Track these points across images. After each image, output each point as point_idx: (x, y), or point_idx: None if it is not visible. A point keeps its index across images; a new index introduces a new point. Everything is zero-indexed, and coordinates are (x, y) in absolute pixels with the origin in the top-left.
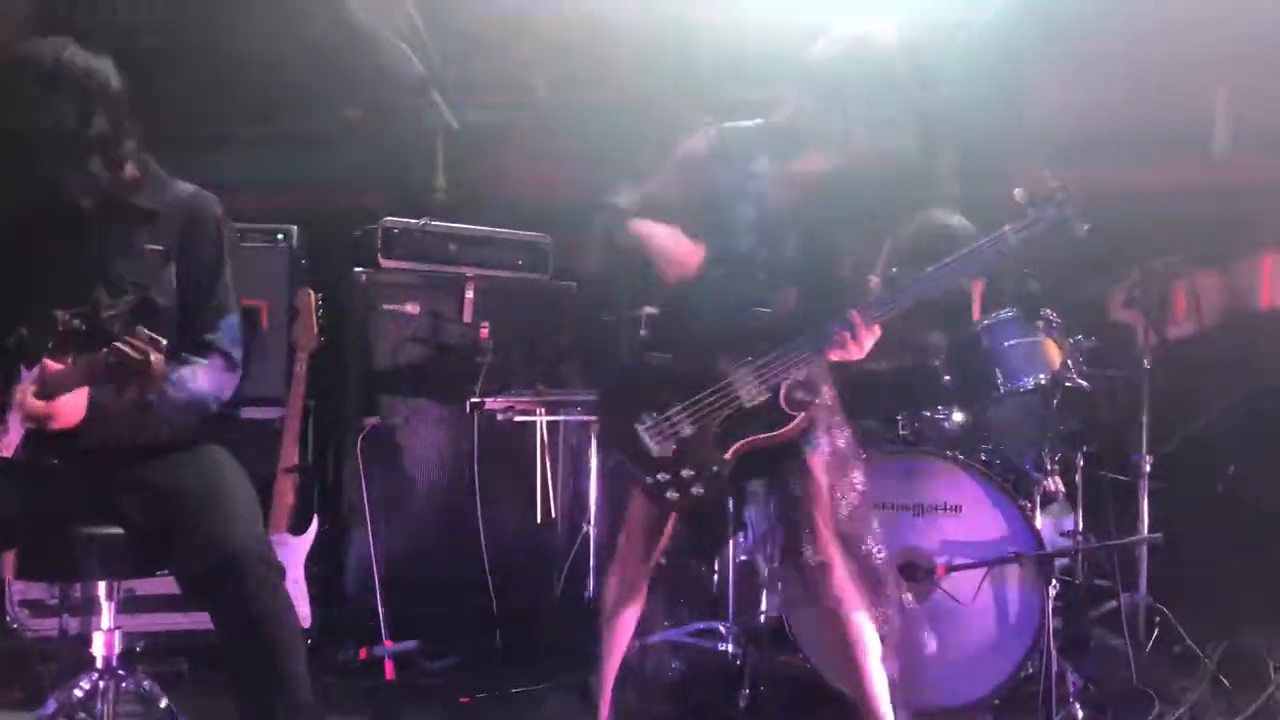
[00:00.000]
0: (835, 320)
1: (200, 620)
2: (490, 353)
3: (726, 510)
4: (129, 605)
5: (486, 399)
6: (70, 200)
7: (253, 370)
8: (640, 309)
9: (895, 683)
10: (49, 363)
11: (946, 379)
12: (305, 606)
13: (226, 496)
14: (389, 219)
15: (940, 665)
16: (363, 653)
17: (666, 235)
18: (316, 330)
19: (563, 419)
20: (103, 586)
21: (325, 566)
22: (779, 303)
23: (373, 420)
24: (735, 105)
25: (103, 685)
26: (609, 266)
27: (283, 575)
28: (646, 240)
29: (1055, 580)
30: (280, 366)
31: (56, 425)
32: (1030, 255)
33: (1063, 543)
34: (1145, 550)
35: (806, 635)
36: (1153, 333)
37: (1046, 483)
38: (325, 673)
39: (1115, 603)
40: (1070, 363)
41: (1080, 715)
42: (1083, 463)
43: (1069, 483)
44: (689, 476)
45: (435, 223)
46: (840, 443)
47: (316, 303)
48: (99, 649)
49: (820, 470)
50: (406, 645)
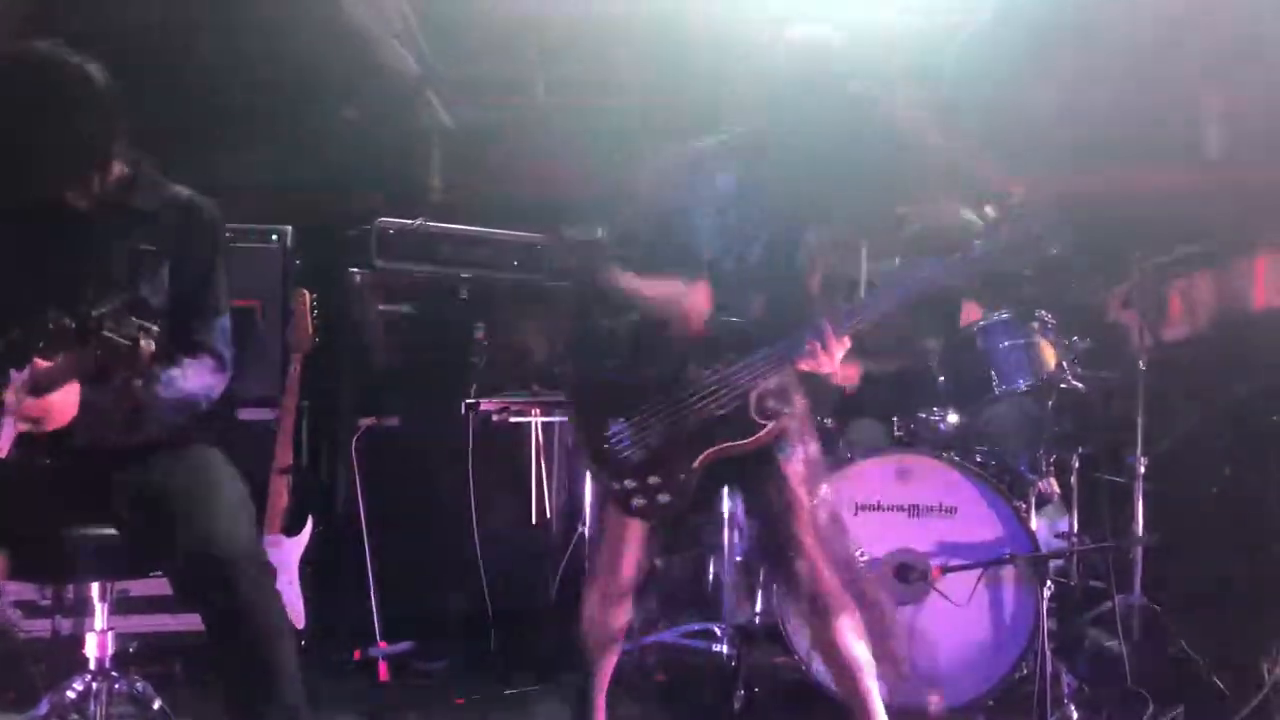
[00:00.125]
0: (806, 329)
1: (193, 621)
2: (485, 354)
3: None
4: (122, 606)
5: (481, 400)
6: (62, 202)
7: (247, 371)
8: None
9: (886, 688)
10: (39, 361)
11: (942, 380)
12: (299, 607)
13: (218, 497)
14: (384, 219)
15: (935, 666)
16: (357, 654)
17: (666, 289)
18: (311, 331)
19: (558, 420)
20: (96, 588)
21: (320, 567)
22: (748, 312)
23: (367, 421)
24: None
25: (96, 686)
26: (590, 308)
27: (274, 576)
28: (642, 294)
29: (1050, 581)
30: (275, 367)
31: (50, 425)
32: (1015, 263)
33: (1058, 544)
34: (1140, 551)
35: (800, 637)
36: (1148, 334)
37: (1041, 484)
38: (320, 674)
39: (1110, 604)
40: (1065, 364)
41: (1075, 716)
42: (1078, 464)
43: (1064, 484)
44: (655, 484)
45: (430, 223)
46: (813, 451)
47: (311, 303)
48: (92, 650)
49: (797, 479)
50: (401, 646)
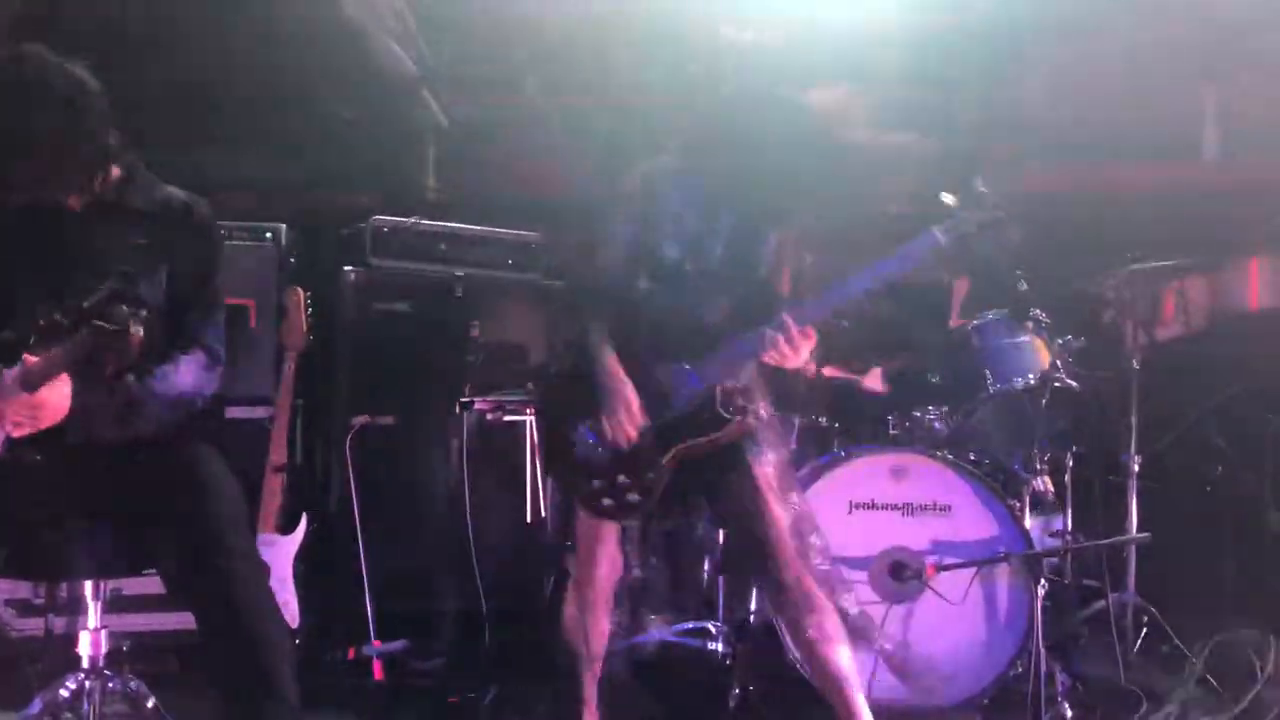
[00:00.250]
0: (768, 324)
1: (187, 620)
2: (480, 352)
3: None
4: (115, 605)
5: (476, 398)
6: (57, 203)
7: (241, 369)
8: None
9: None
10: (29, 357)
11: (936, 379)
12: (293, 606)
13: (211, 496)
14: (379, 218)
15: (930, 665)
16: (351, 652)
17: (621, 383)
18: (305, 329)
19: None
20: (89, 586)
21: (314, 566)
22: (711, 311)
23: (362, 419)
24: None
25: (89, 685)
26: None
27: (268, 575)
28: (604, 370)
29: (1044, 580)
30: (269, 365)
31: (42, 422)
32: (977, 248)
33: (1052, 542)
34: (1133, 550)
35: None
36: (1142, 333)
37: (1035, 483)
38: (314, 672)
39: (1104, 602)
40: (1059, 363)
41: (1069, 714)
42: (1072, 463)
43: (1058, 483)
44: (624, 484)
45: (425, 222)
46: (782, 456)
47: (305, 302)
48: (85, 648)
49: (765, 480)
50: (395, 645)
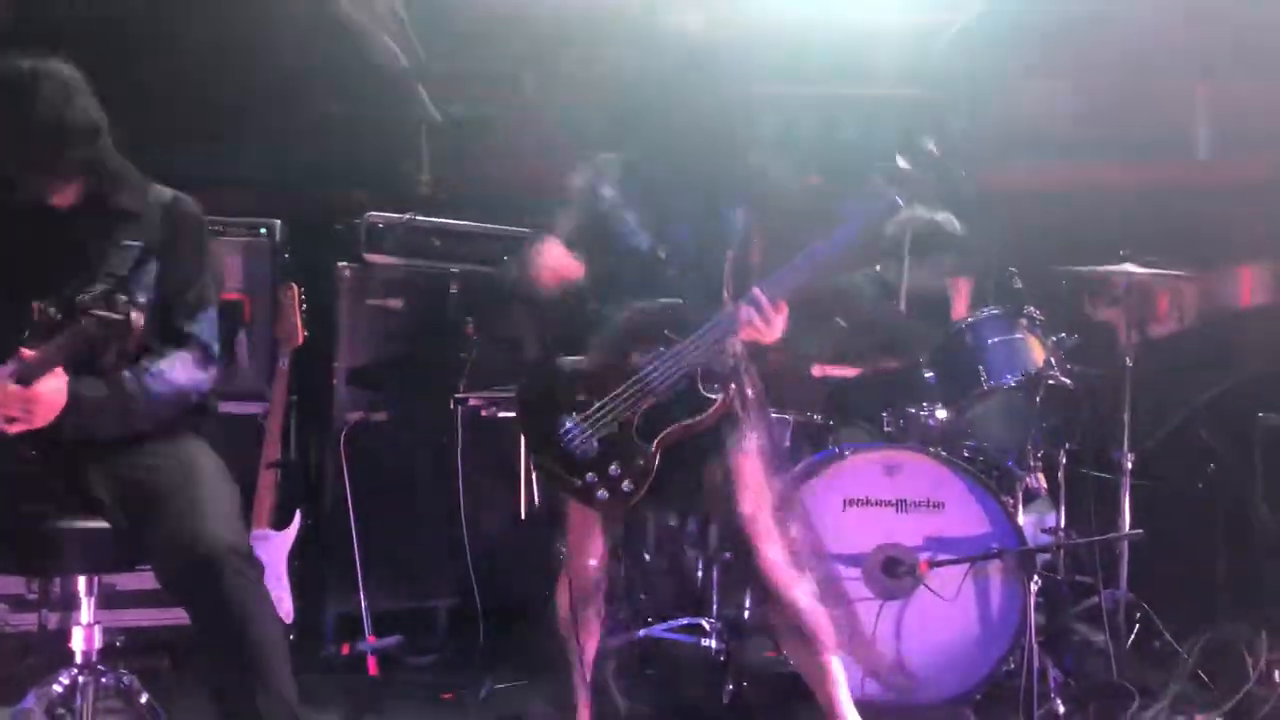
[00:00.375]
0: (741, 300)
1: (181, 616)
2: (474, 348)
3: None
4: (109, 600)
5: (470, 394)
6: (46, 203)
7: (235, 365)
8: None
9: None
10: (24, 351)
11: (930, 376)
12: (288, 602)
13: (204, 491)
14: (373, 214)
15: (923, 661)
16: (345, 648)
17: (551, 250)
18: (299, 325)
19: None
20: (82, 581)
21: (308, 562)
22: (686, 294)
23: (356, 416)
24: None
25: (82, 681)
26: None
27: (261, 571)
28: (535, 257)
29: (1037, 576)
30: (263, 361)
31: (37, 419)
32: (937, 206)
33: (1045, 539)
34: (1126, 546)
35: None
36: (1134, 331)
37: (1029, 479)
38: (307, 669)
39: (1096, 598)
40: (1053, 360)
41: (1061, 710)
42: (1065, 459)
43: (1051, 479)
44: (616, 474)
45: (419, 217)
46: (768, 439)
47: (299, 298)
48: (78, 644)
49: (751, 471)
50: (389, 641)
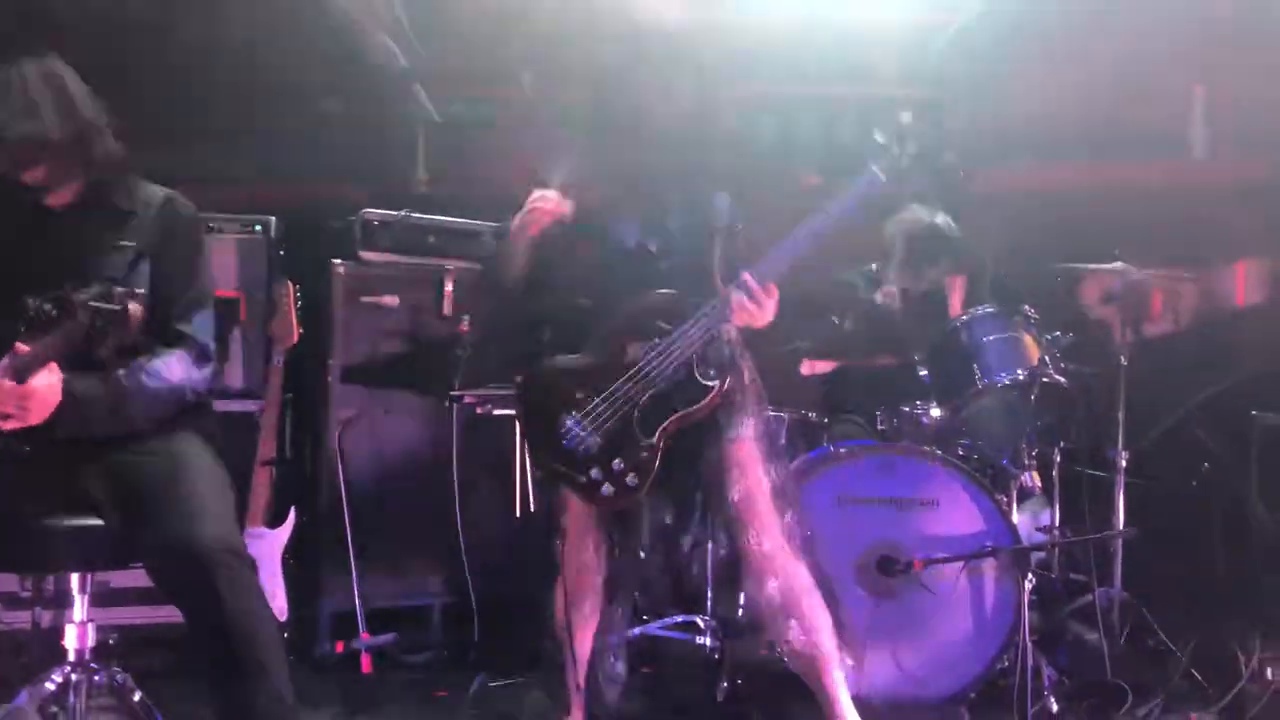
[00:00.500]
0: (730, 286)
1: (175, 613)
2: (469, 346)
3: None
4: (103, 598)
5: (465, 392)
6: (41, 203)
7: (230, 362)
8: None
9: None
10: (19, 345)
11: (925, 374)
12: (282, 599)
13: (198, 489)
14: (368, 211)
15: (917, 659)
16: (339, 646)
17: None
18: (294, 323)
19: None
20: (75, 579)
21: (302, 560)
22: (677, 283)
23: (350, 413)
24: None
25: (75, 679)
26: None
27: (255, 569)
28: (510, 248)
29: (1031, 575)
30: (258, 359)
31: (31, 416)
32: (918, 176)
33: (1039, 537)
34: (1120, 545)
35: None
36: (1130, 330)
37: (1023, 478)
38: (302, 666)
39: (1090, 597)
40: (1048, 359)
41: (1055, 708)
42: (1059, 458)
43: (1046, 478)
44: (620, 468)
45: (415, 215)
46: (764, 425)
47: (295, 295)
48: (72, 642)
49: (748, 457)
50: (384, 639)
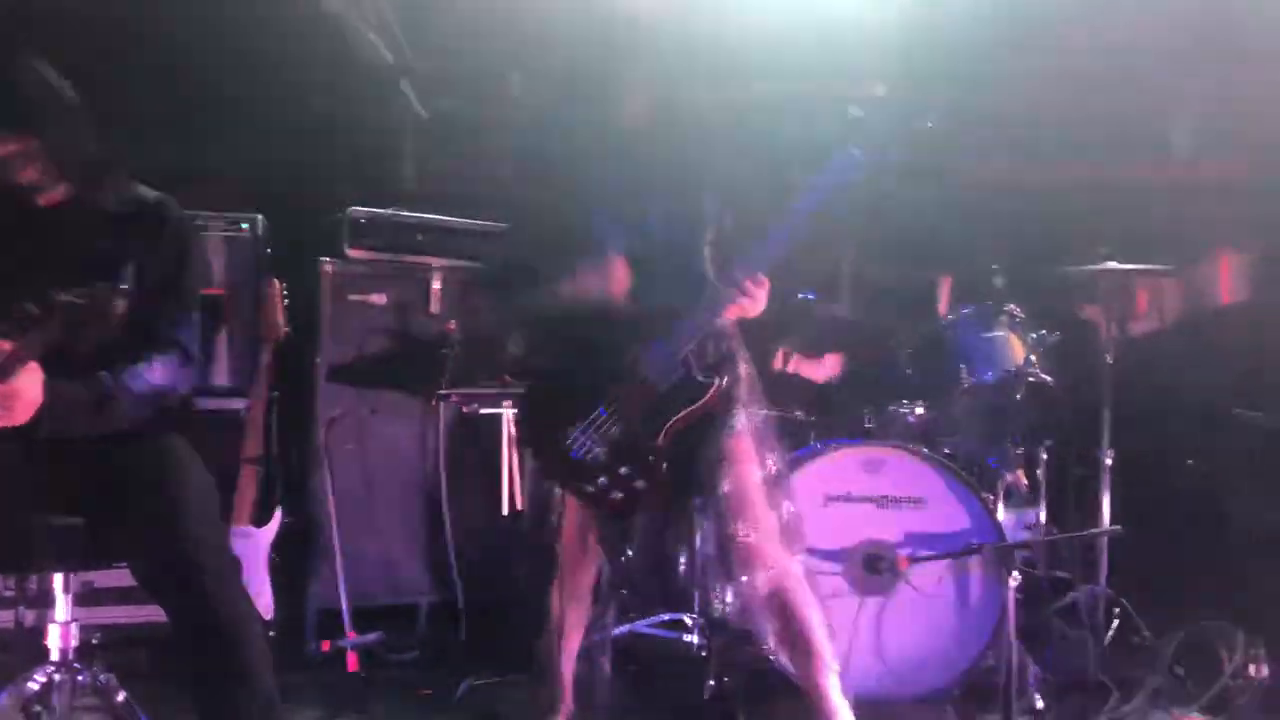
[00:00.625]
0: (721, 282)
1: (159, 613)
2: (457, 344)
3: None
4: (86, 598)
5: (453, 391)
6: (28, 204)
7: (216, 360)
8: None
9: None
10: (1, 344)
11: (911, 373)
12: (268, 598)
13: (182, 489)
14: (356, 208)
15: (903, 656)
16: (326, 645)
17: (584, 281)
18: (281, 320)
19: None
20: (59, 579)
21: (289, 558)
22: (667, 285)
23: (337, 412)
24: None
25: (58, 679)
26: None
27: (239, 569)
28: (570, 295)
29: (1017, 572)
30: (244, 357)
31: (15, 415)
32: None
33: (1025, 535)
34: (1106, 542)
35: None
36: (1115, 328)
37: (1009, 476)
38: (288, 665)
39: (1076, 594)
40: (1033, 358)
41: (1039, 705)
42: (1046, 456)
43: (1031, 476)
44: (628, 474)
45: (403, 213)
46: (757, 420)
47: (281, 292)
48: (55, 642)
49: (745, 450)
50: (370, 637)
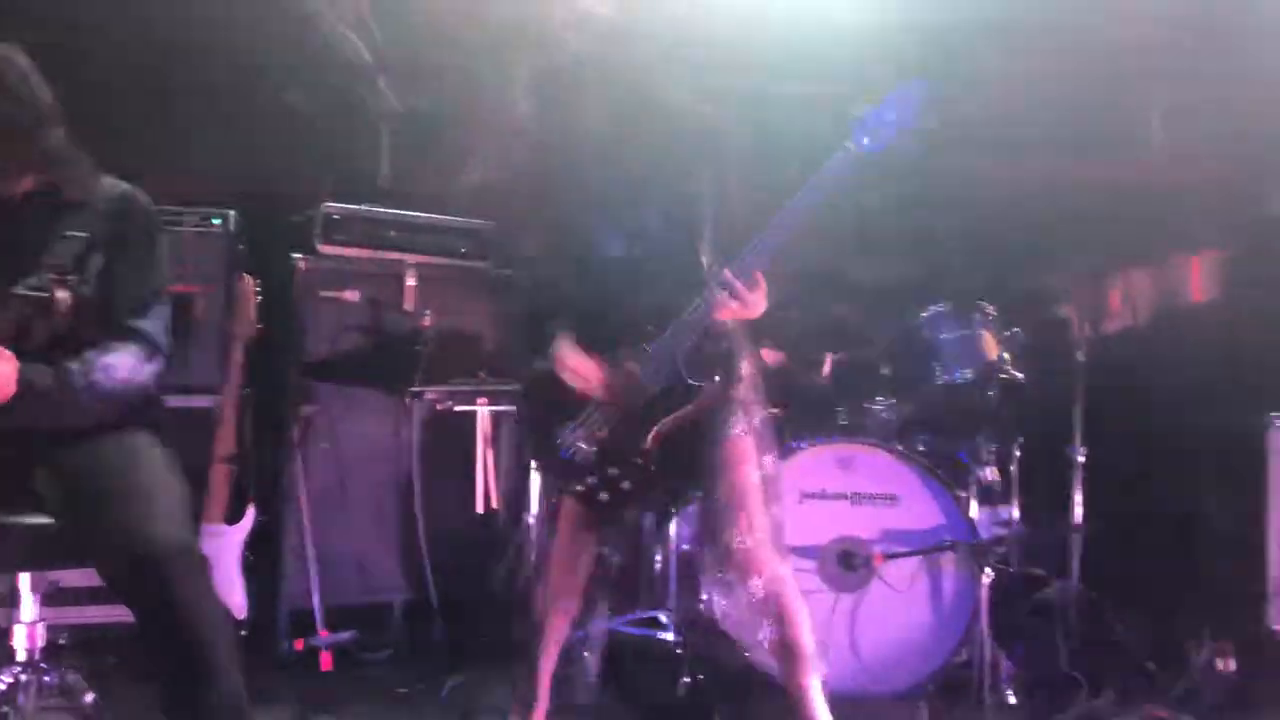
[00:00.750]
0: (712, 282)
1: (126, 613)
2: (431, 341)
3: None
4: (53, 598)
5: (426, 388)
6: None
7: (189, 357)
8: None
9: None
10: None
11: (885, 370)
12: (240, 597)
13: (148, 487)
14: (329, 204)
15: (877, 653)
16: (299, 644)
17: (581, 364)
18: (254, 317)
19: (504, 409)
20: (25, 578)
21: (261, 557)
22: (668, 283)
23: (311, 409)
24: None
25: (25, 679)
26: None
27: (209, 568)
28: (565, 362)
29: (989, 568)
30: (216, 353)
31: None
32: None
33: (998, 532)
34: (1078, 539)
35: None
36: (1088, 326)
37: (982, 473)
38: (260, 665)
39: (1048, 591)
40: (1006, 355)
41: (1012, 701)
42: (1019, 453)
43: (1004, 473)
44: (615, 475)
45: (376, 209)
46: (756, 422)
47: (254, 289)
48: (21, 642)
49: (742, 454)
50: (343, 636)
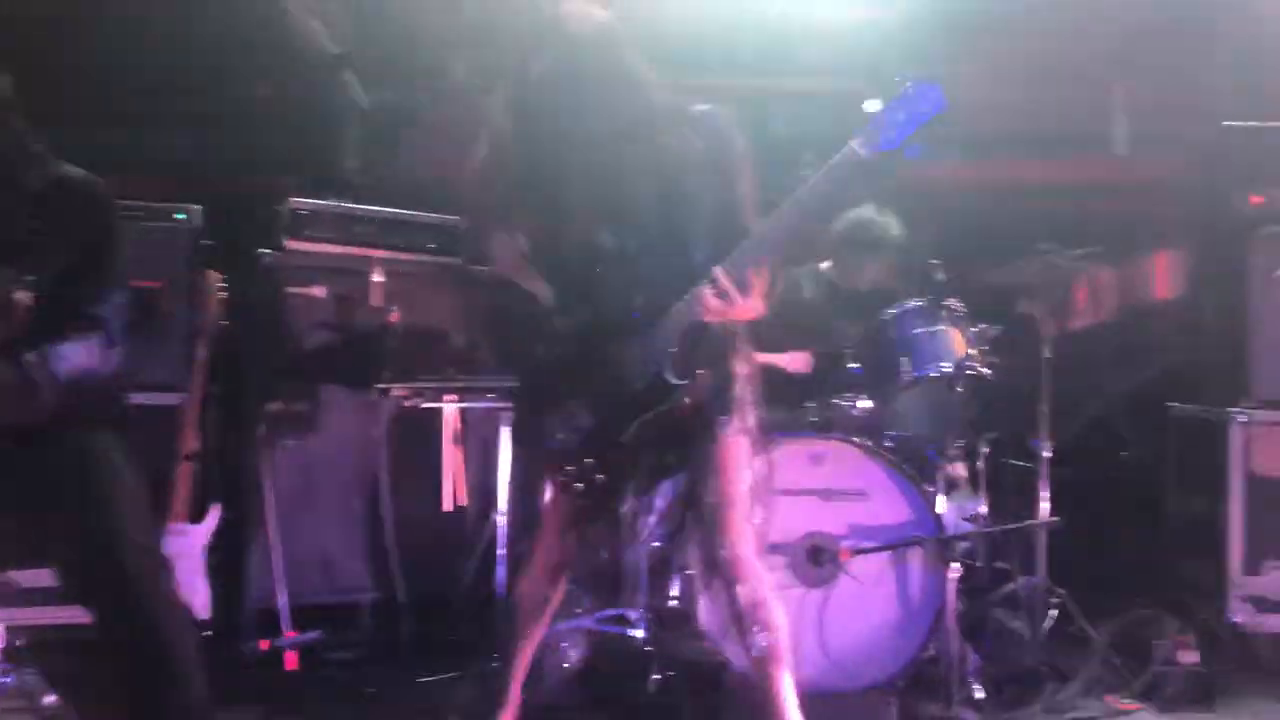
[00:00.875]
0: (703, 282)
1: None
2: (399, 338)
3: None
4: (10, 598)
5: (394, 385)
6: None
7: (152, 354)
8: None
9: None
10: None
11: (854, 366)
12: (204, 596)
13: (108, 486)
14: (296, 199)
15: (846, 648)
16: (264, 643)
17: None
18: (218, 313)
19: (472, 405)
20: None
21: (226, 555)
22: (661, 278)
23: (276, 406)
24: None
25: None
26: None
27: (170, 569)
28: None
29: (957, 563)
30: (180, 350)
31: None
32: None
33: (965, 527)
34: (1044, 534)
35: (713, 620)
36: (1053, 323)
37: (950, 468)
38: (225, 664)
39: (1014, 585)
40: (974, 351)
41: (979, 694)
42: (986, 449)
43: (972, 468)
44: (594, 468)
45: (343, 204)
46: (750, 422)
47: (219, 285)
48: None
49: (732, 458)
50: (309, 636)
